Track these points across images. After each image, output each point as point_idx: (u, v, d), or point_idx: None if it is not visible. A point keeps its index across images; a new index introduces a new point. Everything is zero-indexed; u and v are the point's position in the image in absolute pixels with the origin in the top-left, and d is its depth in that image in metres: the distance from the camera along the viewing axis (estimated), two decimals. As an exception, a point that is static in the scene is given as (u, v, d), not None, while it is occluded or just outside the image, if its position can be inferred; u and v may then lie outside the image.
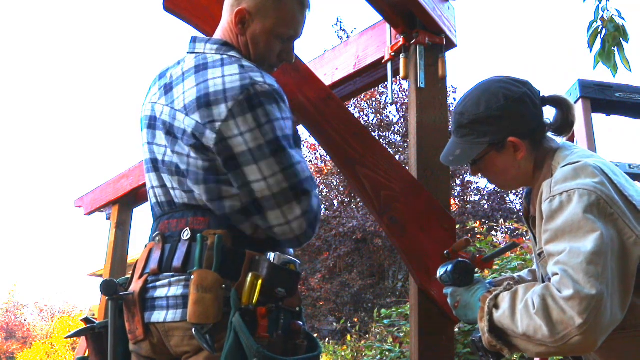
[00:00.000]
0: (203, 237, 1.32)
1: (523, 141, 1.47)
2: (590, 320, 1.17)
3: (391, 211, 1.87)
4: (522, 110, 1.47)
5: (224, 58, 1.41)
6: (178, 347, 1.33)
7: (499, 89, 1.49)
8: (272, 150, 1.32)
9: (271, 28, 1.48)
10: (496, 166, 1.51)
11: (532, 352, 1.30)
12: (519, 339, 1.29)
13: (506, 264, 4.71)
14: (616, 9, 2.89)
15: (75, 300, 33.99)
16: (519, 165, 1.49)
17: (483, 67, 35.72)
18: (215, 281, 1.27)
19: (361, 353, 6.02)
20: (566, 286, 1.20)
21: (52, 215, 53.68)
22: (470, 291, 1.47)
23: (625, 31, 2.86)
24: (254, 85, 1.33)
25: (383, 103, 11.84)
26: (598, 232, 1.23)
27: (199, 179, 1.35)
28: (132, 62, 55.95)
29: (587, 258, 1.21)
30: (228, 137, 1.31)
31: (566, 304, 1.19)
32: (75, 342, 11.62)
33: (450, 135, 1.58)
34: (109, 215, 4.78)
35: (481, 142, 1.49)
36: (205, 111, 1.32)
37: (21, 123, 56.13)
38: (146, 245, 1.46)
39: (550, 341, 1.22)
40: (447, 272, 1.50)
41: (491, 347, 1.35)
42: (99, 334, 1.50)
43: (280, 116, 1.36)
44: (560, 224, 1.28)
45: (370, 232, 10.14)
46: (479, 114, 1.48)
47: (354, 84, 2.68)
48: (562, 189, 1.32)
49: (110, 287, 1.40)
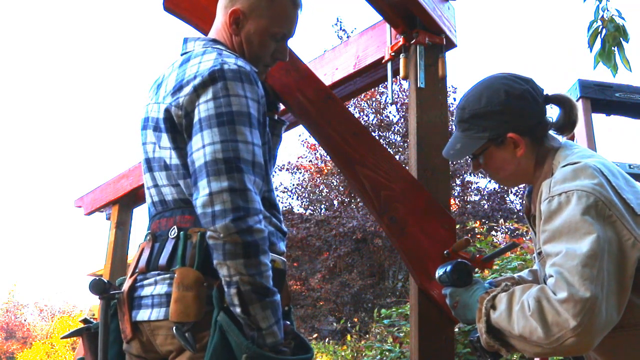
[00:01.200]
0: (186, 235, 1.32)
1: (523, 138, 1.47)
2: (584, 322, 1.18)
3: (391, 211, 1.87)
4: (523, 107, 1.47)
5: (207, 50, 1.43)
6: (163, 346, 1.33)
7: (501, 85, 1.49)
8: (220, 121, 1.27)
9: (265, 28, 1.49)
10: (496, 162, 1.52)
11: (529, 353, 1.31)
12: (516, 340, 1.30)
13: (506, 264, 4.70)
14: (616, 9, 2.89)
15: (75, 300, 34.00)
16: (519, 161, 1.49)
17: (483, 67, 35.75)
18: (196, 279, 1.26)
19: (361, 353, 6.02)
20: (561, 289, 1.21)
21: (52, 215, 53.72)
22: (469, 291, 1.47)
23: (626, 31, 2.86)
24: (223, 64, 1.33)
25: (383, 103, 11.84)
26: (594, 235, 1.23)
27: (180, 174, 1.35)
28: (132, 62, 56.01)
29: (582, 261, 1.21)
30: (190, 110, 1.31)
31: (561, 307, 1.20)
32: (75, 342, 11.62)
33: (452, 133, 1.59)
34: (109, 215, 4.78)
35: (481, 136, 1.49)
36: (177, 94, 1.34)
37: (21, 123, 56.19)
38: (139, 245, 1.47)
39: (546, 343, 1.23)
40: (445, 272, 1.51)
41: (489, 348, 1.36)
42: (95, 334, 1.50)
43: (243, 94, 1.31)
44: (558, 225, 1.29)
45: (370, 232, 10.14)
46: (480, 109, 1.49)
47: (354, 84, 2.68)
48: (561, 190, 1.32)
49: (99, 286, 1.40)
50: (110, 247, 4.58)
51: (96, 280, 1.41)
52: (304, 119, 1.91)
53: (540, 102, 1.50)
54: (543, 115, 1.51)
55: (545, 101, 1.51)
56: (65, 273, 46.32)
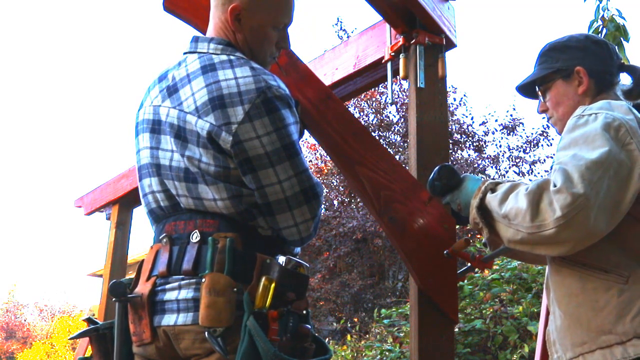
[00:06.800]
0: (214, 240, 1.31)
1: (589, 78, 1.53)
2: (569, 216, 1.20)
3: (391, 211, 1.87)
4: (597, 51, 1.56)
5: (232, 59, 1.40)
6: (188, 350, 1.32)
7: (583, 33, 1.63)
8: (288, 154, 1.34)
9: (267, 20, 1.49)
10: (557, 95, 1.58)
11: (506, 238, 1.33)
12: (500, 223, 1.33)
13: (506, 264, 4.71)
14: (617, 8, 2.90)
15: (75, 300, 34.02)
16: (578, 100, 1.54)
17: (483, 67, 35.76)
18: (228, 284, 1.27)
19: (361, 353, 6.02)
20: (558, 180, 1.24)
21: (52, 215, 53.70)
22: (464, 190, 1.50)
23: (626, 31, 2.87)
24: (270, 89, 1.34)
25: (383, 103, 11.83)
26: (607, 148, 1.26)
27: (211, 181, 1.34)
28: (132, 62, 56.05)
29: (586, 164, 1.24)
30: (245, 139, 1.31)
31: (554, 196, 1.22)
32: (75, 342, 11.61)
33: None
34: (109, 215, 4.77)
35: (552, 67, 1.58)
36: (220, 113, 1.32)
37: (21, 123, 56.23)
38: (151, 247, 1.44)
39: (526, 226, 1.25)
40: (433, 179, 1.56)
41: (474, 225, 1.41)
42: (103, 335, 1.49)
43: (293, 121, 1.38)
44: (577, 135, 1.33)
45: (370, 232, 10.13)
46: (558, 43, 1.61)
47: (353, 84, 2.68)
48: (592, 112, 1.37)
49: (118, 289, 1.38)
50: (110, 247, 4.57)
51: (116, 282, 1.39)
52: (303, 119, 1.90)
53: (615, 59, 1.58)
54: (613, 68, 1.57)
55: (620, 67, 1.58)
56: (65, 273, 46.32)
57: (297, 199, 1.36)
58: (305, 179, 1.37)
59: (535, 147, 12.47)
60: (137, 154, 1.52)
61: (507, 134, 12.60)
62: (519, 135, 12.61)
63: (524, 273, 4.50)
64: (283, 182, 1.34)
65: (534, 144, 12.46)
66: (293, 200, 1.36)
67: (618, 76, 1.58)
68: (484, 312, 4.47)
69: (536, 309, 4.04)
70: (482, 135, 12.37)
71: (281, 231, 1.38)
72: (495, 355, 4.24)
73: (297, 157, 1.36)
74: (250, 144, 1.31)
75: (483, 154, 12.26)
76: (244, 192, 1.35)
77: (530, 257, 1.80)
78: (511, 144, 12.58)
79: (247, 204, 1.36)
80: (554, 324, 1.45)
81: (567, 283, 1.40)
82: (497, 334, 4.22)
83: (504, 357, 4.08)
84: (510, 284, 4.53)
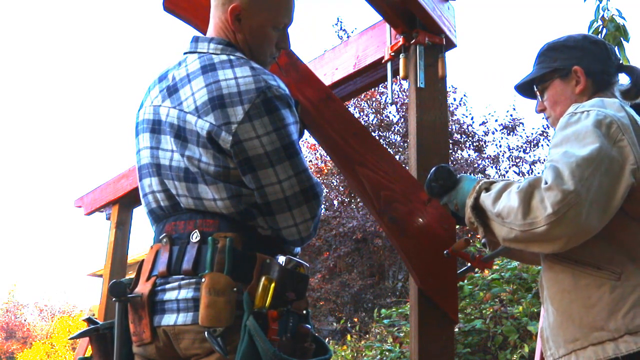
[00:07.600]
0: (214, 239, 1.32)
1: (586, 77, 1.54)
2: (560, 212, 1.20)
3: (391, 211, 1.87)
4: (595, 51, 1.57)
5: (232, 59, 1.40)
6: (188, 349, 1.32)
7: (581, 34, 1.64)
8: (288, 154, 1.34)
9: (267, 20, 1.49)
10: (555, 95, 1.59)
11: (500, 236, 1.34)
12: (494, 222, 1.34)
13: (506, 264, 4.71)
14: (617, 8, 2.90)
15: (75, 300, 34.04)
16: (575, 99, 1.54)
17: (483, 67, 35.74)
18: (228, 284, 1.27)
19: (361, 353, 6.02)
20: (548, 178, 1.24)
21: (52, 215, 53.62)
22: (460, 190, 1.51)
23: (626, 31, 2.87)
24: (270, 89, 1.34)
25: (383, 103, 11.83)
26: (598, 145, 1.27)
27: (211, 181, 1.34)
28: (131, 62, 56.00)
29: (577, 160, 1.24)
30: (244, 139, 1.31)
31: (545, 193, 1.22)
32: (75, 341, 11.61)
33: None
34: (109, 215, 4.78)
35: (550, 66, 1.59)
36: (219, 113, 1.32)
37: (21, 123, 56.19)
38: (151, 247, 1.44)
39: (518, 224, 1.26)
40: (430, 180, 1.57)
41: (470, 224, 1.42)
42: (103, 335, 1.49)
43: (292, 121, 1.38)
44: (569, 133, 1.34)
45: (370, 232, 10.13)
46: (557, 43, 1.62)
47: (354, 84, 2.68)
48: (585, 109, 1.37)
49: (118, 289, 1.38)
50: (110, 247, 4.57)
51: (116, 282, 1.39)
52: (303, 119, 1.90)
53: (613, 59, 1.58)
54: (611, 68, 1.57)
55: (618, 68, 1.59)
56: (65, 273, 46.31)
57: (296, 199, 1.36)
58: (305, 179, 1.37)
59: (535, 147, 12.48)
60: (137, 154, 1.52)
61: (507, 134, 12.62)
62: (519, 135, 12.62)
63: (524, 273, 4.51)
64: (283, 182, 1.34)
65: (534, 144, 12.47)
66: (293, 200, 1.35)
67: (616, 76, 1.59)
68: (484, 312, 4.48)
69: (536, 309, 4.05)
70: (482, 135, 12.38)
71: (281, 231, 1.38)
72: (495, 355, 4.24)
73: (296, 157, 1.36)
74: (250, 144, 1.31)
75: (483, 154, 12.27)
76: (243, 192, 1.35)
77: (528, 257, 1.80)
78: (511, 144, 12.60)
79: (246, 203, 1.36)
80: (547, 321, 1.46)
81: (559, 280, 1.41)
82: (497, 334, 4.22)
83: (504, 357, 4.08)
84: (510, 284, 4.54)
